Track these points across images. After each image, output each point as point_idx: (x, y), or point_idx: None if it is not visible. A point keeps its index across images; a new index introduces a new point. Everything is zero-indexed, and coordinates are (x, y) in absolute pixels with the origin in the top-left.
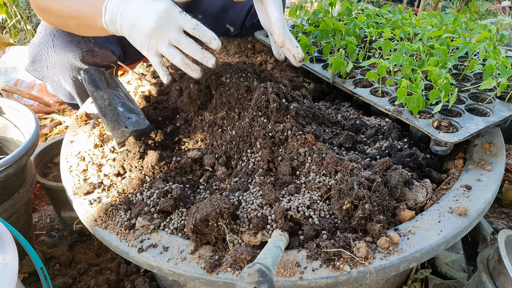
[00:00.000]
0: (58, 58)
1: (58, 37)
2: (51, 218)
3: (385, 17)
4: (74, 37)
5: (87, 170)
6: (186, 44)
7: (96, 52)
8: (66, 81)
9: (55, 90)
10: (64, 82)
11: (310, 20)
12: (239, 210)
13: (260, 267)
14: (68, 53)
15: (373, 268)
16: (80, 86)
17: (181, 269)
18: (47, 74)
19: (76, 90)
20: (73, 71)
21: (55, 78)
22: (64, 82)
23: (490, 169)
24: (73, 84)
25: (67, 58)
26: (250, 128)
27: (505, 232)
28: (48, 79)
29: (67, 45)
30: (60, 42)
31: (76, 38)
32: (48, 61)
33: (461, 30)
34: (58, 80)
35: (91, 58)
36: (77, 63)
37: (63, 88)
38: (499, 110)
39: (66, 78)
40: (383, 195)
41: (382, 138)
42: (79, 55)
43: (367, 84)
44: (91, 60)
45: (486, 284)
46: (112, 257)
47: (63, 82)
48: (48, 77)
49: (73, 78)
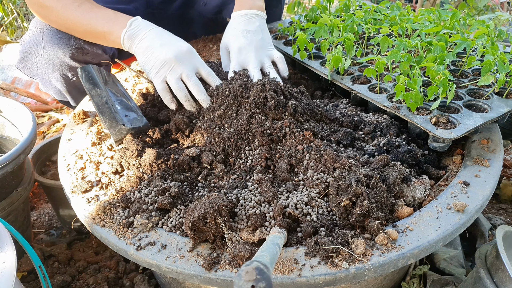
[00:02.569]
0: (47, 55)
1: (48, 34)
2: (50, 216)
3: (383, 13)
4: (64, 34)
5: (85, 168)
6: (195, 83)
7: (86, 50)
8: (55, 78)
9: (45, 87)
10: (53, 79)
11: (308, 16)
12: (237, 208)
13: (258, 265)
14: (58, 50)
15: (372, 265)
16: (70, 83)
17: (179, 267)
18: (36, 71)
19: (66, 88)
20: (63, 68)
21: (45, 76)
22: (54, 80)
23: (488, 165)
24: (63, 81)
25: (56, 55)
26: (248, 125)
27: (503, 228)
28: (38, 76)
29: (57, 42)
30: (49, 39)
31: (66, 35)
32: (37, 58)
33: (459, 26)
34: (48, 78)
35: (81, 56)
36: (66, 60)
37: (53, 86)
38: (497, 106)
39: (55, 75)
40: (381, 191)
41: (380, 134)
42: (69, 52)
43: (365, 80)
44: (81, 58)
45: (484, 279)
46: (111, 255)
47: (52, 80)
48: (38, 74)
49: (62, 76)
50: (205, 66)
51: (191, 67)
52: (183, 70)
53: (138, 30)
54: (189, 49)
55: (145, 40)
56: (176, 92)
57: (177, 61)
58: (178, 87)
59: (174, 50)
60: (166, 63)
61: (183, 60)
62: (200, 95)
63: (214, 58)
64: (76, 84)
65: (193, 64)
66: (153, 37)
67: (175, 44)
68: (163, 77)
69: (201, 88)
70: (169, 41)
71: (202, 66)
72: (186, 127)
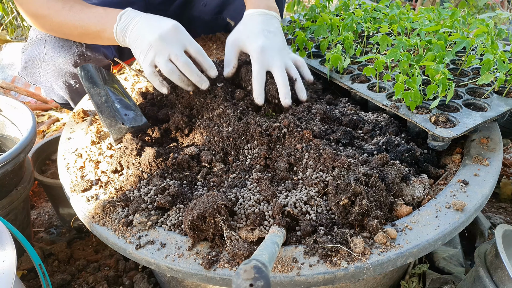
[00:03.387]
0: (49, 64)
1: (50, 42)
2: (50, 215)
3: (383, 12)
4: (65, 42)
5: (84, 167)
6: (185, 63)
7: (88, 57)
8: (58, 85)
9: (48, 94)
10: (56, 87)
11: (307, 15)
12: (236, 206)
13: (256, 263)
14: (60, 58)
15: (370, 264)
16: (73, 91)
17: (178, 266)
18: (39, 80)
19: (70, 95)
20: (65, 76)
21: (48, 84)
22: (57, 87)
23: (487, 164)
24: (66, 88)
25: (59, 63)
26: (247, 124)
27: (502, 226)
28: (41, 84)
29: (59, 50)
30: (51, 47)
31: (67, 43)
32: (40, 67)
33: (459, 24)
34: (51, 85)
35: (83, 63)
36: (69, 68)
37: (56, 93)
38: (497, 105)
39: (58, 83)
40: (380, 190)
41: (380, 133)
42: (71, 60)
43: (364, 79)
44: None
45: (483, 278)
46: (110, 254)
47: (55, 87)
48: (41, 82)
49: (65, 83)
50: (194, 43)
51: (179, 46)
52: (170, 50)
53: (129, 22)
54: (174, 26)
55: (135, 29)
56: (168, 75)
57: (162, 41)
58: (169, 70)
59: (158, 30)
60: (152, 46)
61: (169, 39)
62: (193, 76)
63: (214, 57)
64: (79, 90)
65: (181, 42)
66: (142, 23)
67: (159, 24)
68: (150, 60)
69: (192, 68)
70: (156, 22)
71: (190, 43)
72: (186, 126)
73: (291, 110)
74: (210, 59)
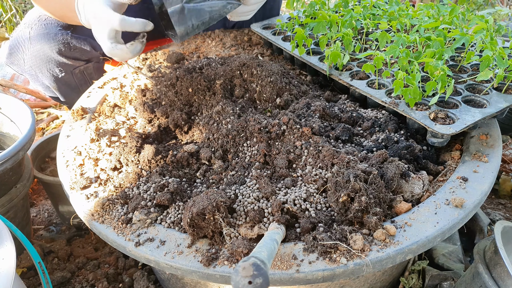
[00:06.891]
0: (34, 50)
1: (35, 29)
2: (49, 212)
3: (382, 9)
4: (51, 29)
5: (83, 165)
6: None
7: (74, 46)
8: (43, 74)
9: (34, 83)
10: (41, 75)
11: (306, 12)
12: (235, 204)
13: (255, 260)
14: (45, 45)
15: (370, 260)
16: (58, 80)
17: (178, 263)
18: (24, 67)
19: (55, 84)
20: (50, 63)
21: (32, 71)
22: (41, 75)
23: (486, 160)
24: (50, 77)
25: (43, 50)
26: (246, 122)
27: (501, 223)
28: (26, 72)
29: (44, 37)
30: (36, 33)
31: (53, 30)
32: (24, 54)
33: (458, 21)
34: (35, 73)
35: (69, 52)
36: (53, 56)
37: (41, 82)
38: (496, 102)
39: (43, 71)
40: (380, 187)
41: (379, 130)
42: (56, 47)
43: (363, 76)
44: (69, 54)
45: (482, 275)
46: (110, 251)
47: (40, 75)
48: (26, 70)
49: (50, 71)
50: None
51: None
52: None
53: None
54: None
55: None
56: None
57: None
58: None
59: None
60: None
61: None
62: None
63: (213, 54)
64: (65, 80)
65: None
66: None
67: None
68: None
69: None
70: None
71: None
72: (185, 123)
73: (290, 107)
74: (135, 19)
